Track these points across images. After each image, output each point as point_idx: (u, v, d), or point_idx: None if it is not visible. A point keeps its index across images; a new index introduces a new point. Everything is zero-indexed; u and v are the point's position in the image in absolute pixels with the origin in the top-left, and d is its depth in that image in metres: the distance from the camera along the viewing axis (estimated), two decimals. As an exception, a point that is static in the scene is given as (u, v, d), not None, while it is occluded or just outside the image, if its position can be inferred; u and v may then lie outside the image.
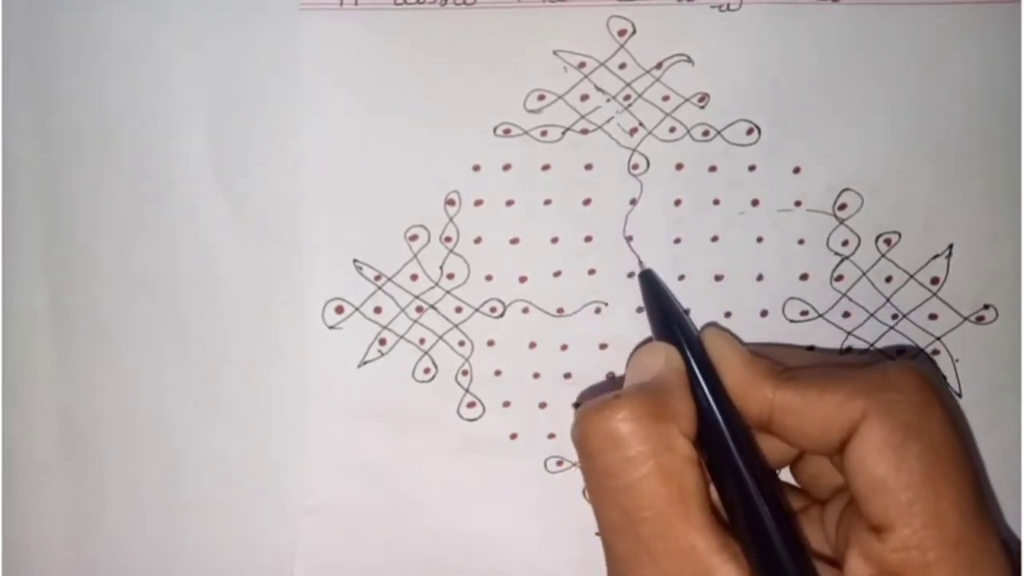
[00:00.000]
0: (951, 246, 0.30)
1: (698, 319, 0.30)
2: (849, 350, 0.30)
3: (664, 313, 0.27)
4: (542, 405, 0.31)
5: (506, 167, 0.30)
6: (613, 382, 0.31)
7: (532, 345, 0.31)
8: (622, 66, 0.30)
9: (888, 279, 0.30)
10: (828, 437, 0.24)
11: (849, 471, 0.23)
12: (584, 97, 0.30)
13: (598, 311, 0.30)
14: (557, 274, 0.30)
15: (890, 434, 0.23)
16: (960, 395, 0.30)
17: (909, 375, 0.24)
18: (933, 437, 0.23)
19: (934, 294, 0.30)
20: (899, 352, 0.29)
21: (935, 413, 0.23)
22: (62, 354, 0.31)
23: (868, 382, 0.24)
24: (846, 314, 0.30)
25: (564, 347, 0.31)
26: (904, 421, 0.23)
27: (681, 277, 0.30)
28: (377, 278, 0.30)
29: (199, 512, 0.31)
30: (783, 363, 0.26)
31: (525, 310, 0.30)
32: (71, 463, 0.31)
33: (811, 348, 0.30)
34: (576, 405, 0.31)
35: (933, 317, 0.30)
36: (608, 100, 0.30)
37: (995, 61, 0.29)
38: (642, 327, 0.30)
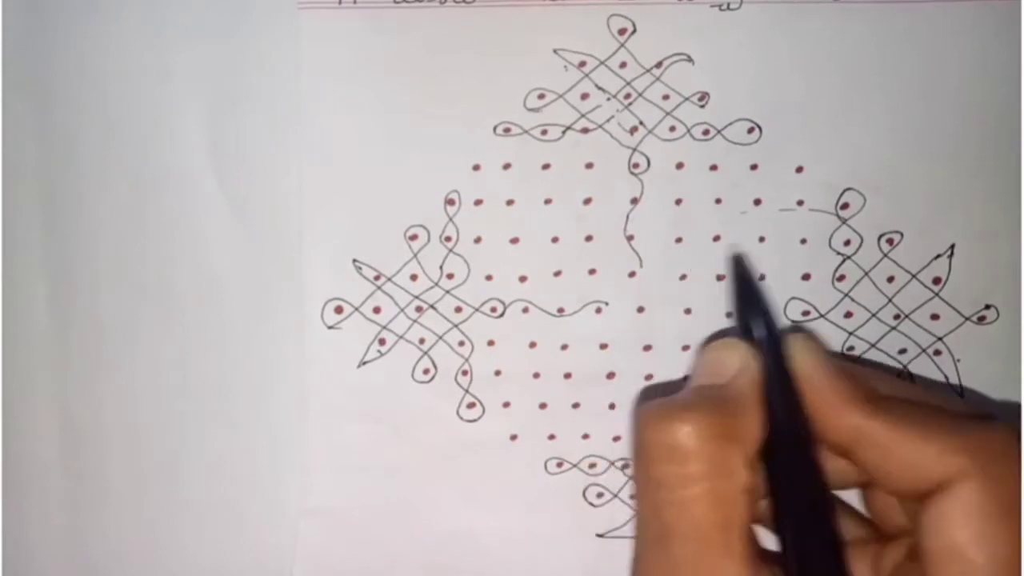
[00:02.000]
0: (953, 246, 0.30)
1: (698, 320, 0.30)
2: (851, 350, 0.30)
3: (749, 307, 0.25)
4: (542, 406, 0.31)
5: (506, 166, 0.30)
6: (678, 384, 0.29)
7: (532, 345, 0.30)
8: (622, 65, 0.29)
9: (890, 279, 0.30)
10: (912, 484, 0.22)
11: (926, 525, 0.22)
12: (584, 96, 0.30)
13: (599, 311, 0.30)
14: (557, 274, 0.30)
15: (984, 504, 0.21)
16: (961, 395, 0.30)
17: (1014, 445, 0.22)
18: None
19: (936, 294, 0.30)
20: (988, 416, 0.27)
21: None
22: (62, 355, 0.31)
23: (973, 441, 0.22)
24: (848, 314, 0.30)
25: (564, 347, 0.30)
26: (1003, 496, 0.21)
27: (683, 277, 0.30)
28: (377, 278, 0.30)
29: (198, 513, 0.31)
30: (869, 382, 0.24)
31: (525, 310, 0.30)
32: (71, 464, 0.31)
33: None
34: (642, 400, 0.30)
35: (935, 317, 0.30)
36: (608, 99, 0.30)
37: (996, 60, 0.29)
38: (642, 327, 0.30)
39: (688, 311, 0.30)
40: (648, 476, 0.23)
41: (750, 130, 0.30)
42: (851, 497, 0.26)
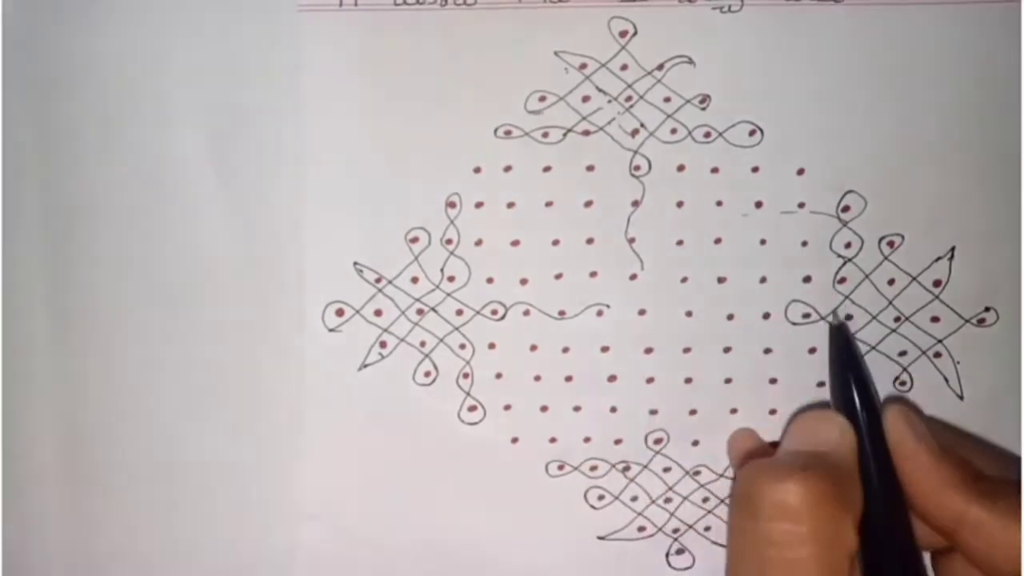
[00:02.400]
0: (953, 248, 0.30)
1: (699, 321, 0.30)
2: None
3: (848, 379, 0.25)
4: (543, 408, 0.31)
5: (507, 169, 0.30)
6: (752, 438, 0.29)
7: (533, 348, 0.30)
8: (623, 67, 0.29)
9: (891, 282, 0.30)
10: (1014, 570, 0.22)
11: None
12: (585, 98, 0.29)
13: (600, 313, 0.30)
14: (558, 276, 0.30)
15: None
16: (961, 397, 0.30)
17: None
18: None
19: (936, 297, 0.30)
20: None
21: None
22: (61, 357, 0.31)
23: None
24: (849, 316, 0.30)
25: (566, 350, 0.30)
26: None
27: (684, 279, 0.30)
28: (377, 280, 0.30)
29: (199, 515, 0.31)
30: (972, 462, 0.24)
31: (526, 312, 0.30)
32: (70, 466, 0.31)
33: (813, 351, 0.30)
34: (731, 447, 0.30)
35: (935, 319, 0.30)
36: (609, 101, 0.29)
37: (997, 62, 0.29)
38: (643, 330, 0.30)
39: (689, 313, 0.30)
40: (756, 531, 0.22)
41: (751, 132, 0.30)
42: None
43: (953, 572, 0.25)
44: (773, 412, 0.30)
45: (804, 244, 0.30)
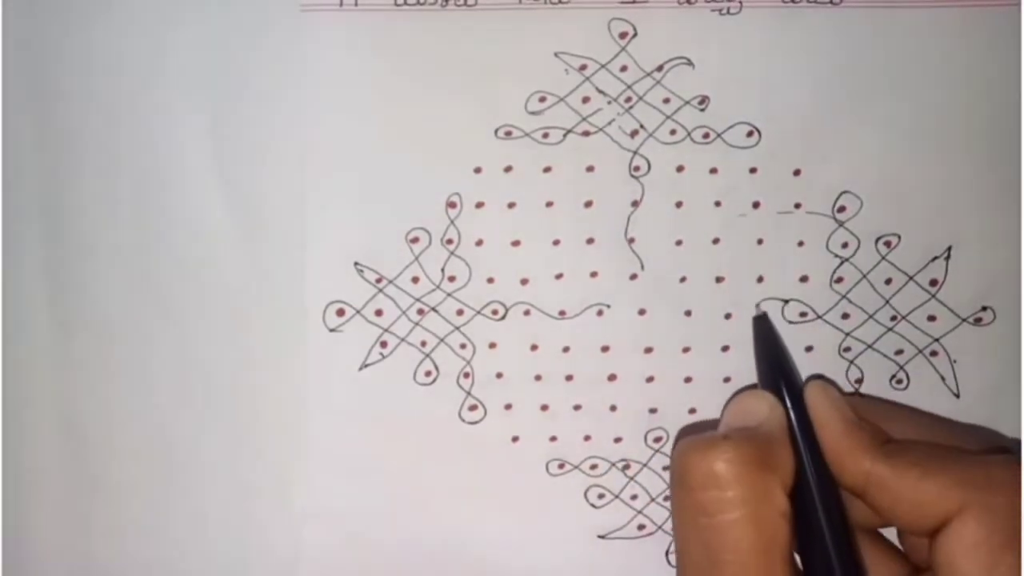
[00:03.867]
0: (950, 248, 0.30)
1: (699, 321, 0.30)
2: (847, 351, 0.31)
3: (772, 363, 0.27)
4: (544, 408, 0.31)
5: (507, 169, 0.30)
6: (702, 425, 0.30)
7: (534, 348, 0.31)
8: (623, 68, 0.30)
9: (888, 281, 0.30)
10: (920, 523, 0.23)
11: (938, 562, 0.22)
12: (585, 99, 0.30)
13: (600, 313, 0.30)
14: (559, 276, 0.30)
15: (986, 536, 0.22)
16: (958, 396, 0.31)
17: (1014, 475, 0.23)
18: None
19: (933, 296, 0.30)
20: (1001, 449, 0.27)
21: None
22: (62, 356, 0.31)
23: (970, 475, 0.23)
24: (845, 315, 0.30)
25: (566, 349, 0.31)
26: (1002, 525, 0.22)
27: (682, 279, 0.30)
28: (378, 280, 0.30)
29: (200, 515, 0.31)
30: (886, 431, 0.25)
31: (527, 312, 0.30)
32: (71, 466, 0.31)
33: (810, 349, 0.30)
34: (678, 438, 0.30)
35: (932, 319, 0.30)
36: (609, 102, 0.30)
37: (995, 63, 0.29)
38: (643, 330, 0.30)
39: (688, 313, 0.30)
40: (689, 503, 0.23)
41: (749, 134, 0.30)
42: (890, 534, 0.26)
43: (909, 539, 0.26)
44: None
45: (801, 244, 0.30)
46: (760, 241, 0.30)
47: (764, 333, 0.27)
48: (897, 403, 0.30)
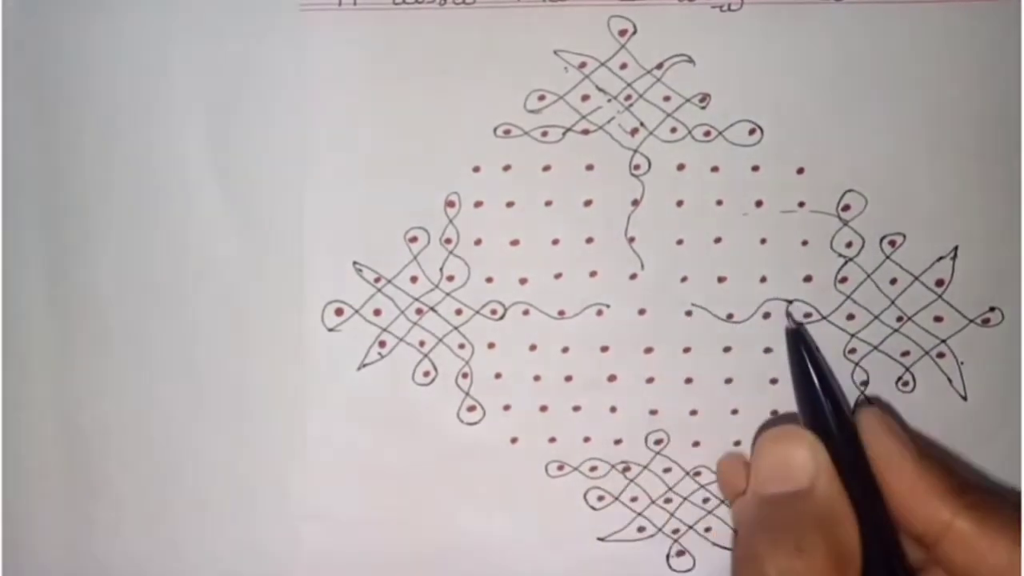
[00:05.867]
0: (956, 248, 0.30)
1: (700, 321, 0.30)
2: (853, 352, 0.30)
3: (816, 389, 0.23)
4: (543, 408, 0.30)
5: (506, 168, 0.30)
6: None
7: (533, 348, 0.30)
8: (623, 66, 0.29)
9: (893, 281, 0.30)
10: None
11: None
12: (585, 97, 0.29)
13: (600, 313, 0.30)
14: (558, 276, 0.30)
15: None
16: (966, 399, 0.30)
17: None
18: None
19: (939, 296, 0.30)
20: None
21: None
22: (61, 356, 0.31)
23: None
24: (850, 316, 0.30)
25: (565, 350, 0.30)
26: None
27: (684, 279, 0.30)
28: (377, 280, 0.30)
29: (198, 516, 0.31)
30: (955, 470, 0.23)
31: (526, 312, 0.30)
32: (70, 466, 0.31)
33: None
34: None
35: (938, 319, 0.30)
36: (609, 100, 0.29)
37: (997, 60, 0.29)
38: (643, 330, 0.30)
39: (689, 313, 0.30)
40: None
41: (751, 131, 0.29)
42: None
43: None
44: (773, 412, 0.30)
45: (804, 243, 0.30)
46: (763, 240, 0.30)
47: (801, 350, 0.24)
48: (949, 451, 0.28)
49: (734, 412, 0.30)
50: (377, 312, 0.30)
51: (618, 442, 0.31)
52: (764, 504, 0.23)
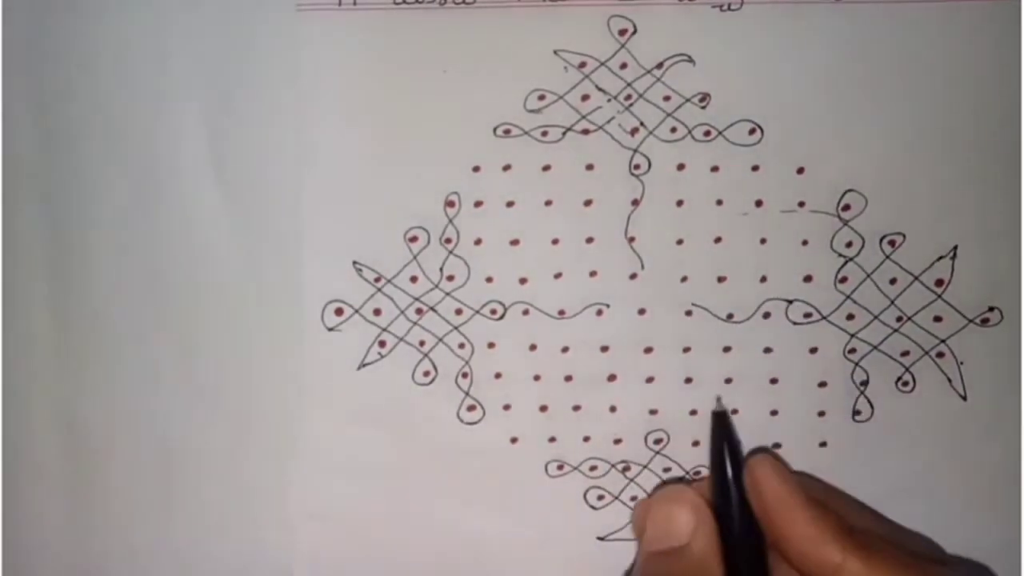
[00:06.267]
0: (956, 248, 0.30)
1: (700, 322, 0.30)
2: (853, 352, 0.30)
3: (727, 475, 0.25)
4: (543, 408, 0.30)
5: (506, 168, 0.30)
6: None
7: (533, 347, 0.30)
8: (623, 66, 0.29)
9: (892, 281, 0.30)
10: None
11: None
12: (585, 97, 0.29)
13: (599, 313, 0.30)
14: (558, 276, 0.30)
15: None
16: (965, 399, 0.30)
17: None
18: None
19: (939, 296, 0.30)
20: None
21: None
22: (61, 356, 0.31)
23: None
24: (850, 316, 0.30)
25: (565, 349, 0.30)
26: None
27: (684, 279, 0.30)
28: (377, 280, 0.30)
29: (198, 516, 0.31)
30: (841, 515, 0.24)
31: (526, 312, 0.30)
32: (70, 466, 0.31)
33: (814, 351, 0.30)
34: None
35: (938, 319, 0.30)
36: (609, 100, 0.29)
37: (997, 61, 0.29)
38: (643, 330, 0.30)
39: (689, 313, 0.30)
40: None
41: (751, 131, 0.29)
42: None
43: None
44: (774, 412, 0.30)
45: (804, 243, 0.30)
46: (763, 240, 0.30)
47: (723, 431, 0.26)
48: (836, 488, 0.28)
49: (734, 412, 0.30)
50: (377, 312, 0.30)
51: (618, 442, 0.31)
52: (647, 560, 0.25)
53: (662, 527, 0.24)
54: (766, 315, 0.30)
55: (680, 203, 0.30)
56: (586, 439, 0.31)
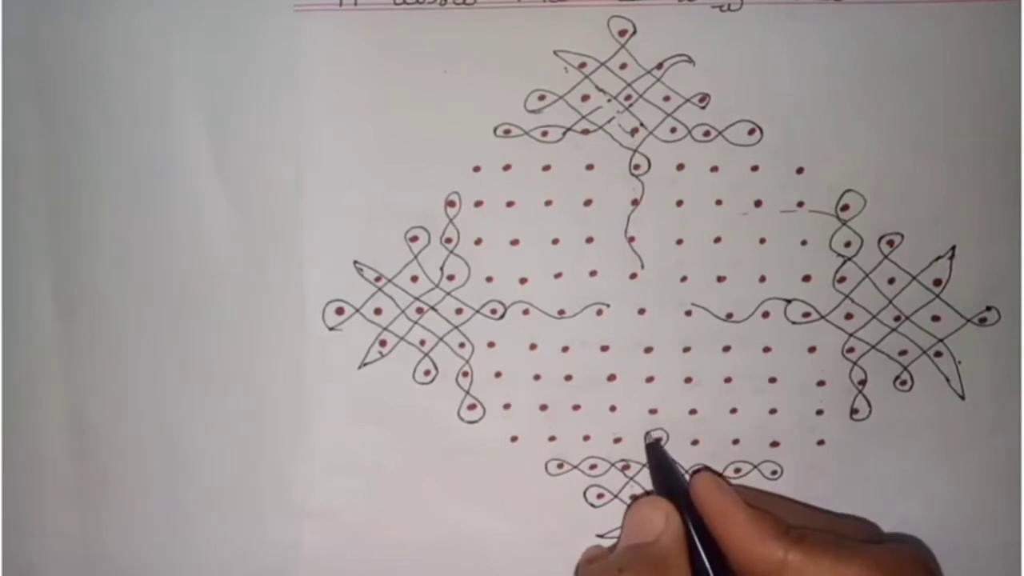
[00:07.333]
0: (954, 247, 0.30)
1: (700, 322, 0.30)
2: (851, 352, 0.30)
3: (667, 480, 0.29)
4: (543, 407, 0.31)
5: (506, 168, 0.30)
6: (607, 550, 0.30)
7: (533, 347, 0.30)
8: (623, 66, 0.29)
9: (891, 280, 0.30)
10: None
11: None
12: (585, 97, 0.29)
13: (599, 313, 0.30)
14: (558, 275, 0.30)
15: None
16: (963, 398, 0.30)
17: (921, 567, 0.26)
18: None
19: (937, 296, 0.30)
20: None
21: None
22: (64, 356, 0.31)
23: (883, 560, 0.25)
24: (848, 315, 0.30)
25: (565, 349, 0.30)
26: None
27: (683, 278, 0.30)
28: (377, 279, 0.30)
29: (200, 514, 0.31)
30: (778, 516, 0.26)
31: (526, 311, 0.30)
32: (72, 464, 0.31)
33: (813, 350, 0.30)
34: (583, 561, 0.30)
35: (936, 319, 0.30)
36: (609, 100, 0.29)
37: (996, 61, 0.29)
38: (643, 329, 0.30)
39: (689, 313, 0.30)
40: None
41: (751, 131, 0.30)
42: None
43: None
44: (773, 412, 0.30)
45: (804, 243, 0.30)
46: (762, 240, 0.30)
47: (658, 457, 0.30)
48: (772, 492, 0.30)
49: (733, 411, 0.30)
50: (378, 311, 0.30)
51: (618, 441, 0.31)
52: (622, 551, 0.28)
53: (637, 526, 0.27)
54: (765, 315, 0.30)
55: (680, 203, 0.30)
56: (586, 438, 0.31)
